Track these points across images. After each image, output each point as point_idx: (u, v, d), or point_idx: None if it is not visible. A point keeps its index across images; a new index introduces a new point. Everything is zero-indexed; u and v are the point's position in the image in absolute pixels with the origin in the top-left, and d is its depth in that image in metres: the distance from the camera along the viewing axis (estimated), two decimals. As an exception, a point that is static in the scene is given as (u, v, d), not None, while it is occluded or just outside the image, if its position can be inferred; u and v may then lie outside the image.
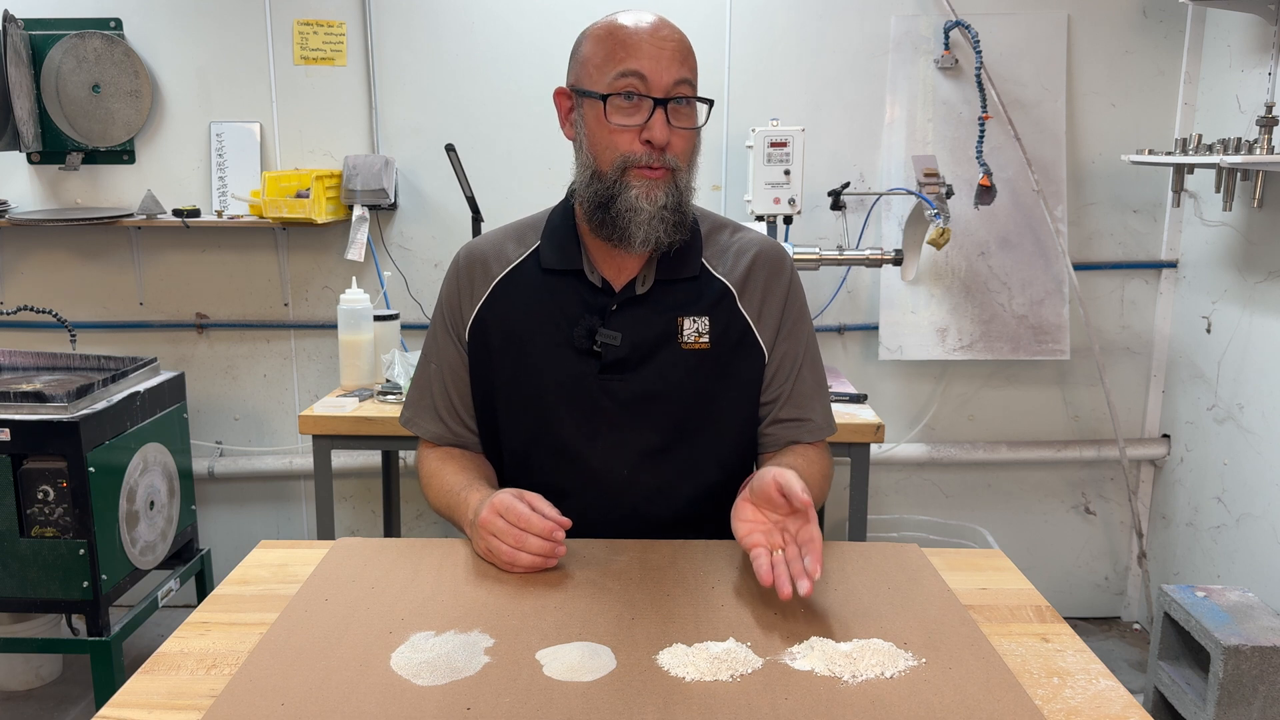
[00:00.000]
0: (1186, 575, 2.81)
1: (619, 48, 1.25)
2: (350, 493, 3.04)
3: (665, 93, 1.24)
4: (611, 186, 1.27)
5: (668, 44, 1.25)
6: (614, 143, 1.26)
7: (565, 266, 1.37)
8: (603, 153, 1.28)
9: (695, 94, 1.28)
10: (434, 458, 1.45)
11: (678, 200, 1.28)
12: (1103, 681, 0.99)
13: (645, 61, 1.23)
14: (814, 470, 1.37)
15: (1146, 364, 2.94)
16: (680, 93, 1.26)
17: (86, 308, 2.91)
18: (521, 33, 2.75)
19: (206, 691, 0.96)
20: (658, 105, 1.24)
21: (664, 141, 1.24)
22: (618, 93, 1.24)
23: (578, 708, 0.91)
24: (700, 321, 1.36)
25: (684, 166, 1.29)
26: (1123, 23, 2.74)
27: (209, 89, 2.79)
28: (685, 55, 1.27)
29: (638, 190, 1.26)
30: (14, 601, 2.18)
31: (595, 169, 1.29)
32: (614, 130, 1.26)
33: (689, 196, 1.31)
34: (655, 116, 1.24)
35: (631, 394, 1.34)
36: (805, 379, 1.42)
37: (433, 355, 1.46)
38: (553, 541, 1.19)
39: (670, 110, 1.25)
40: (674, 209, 1.28)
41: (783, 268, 1.42)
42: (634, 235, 1.27)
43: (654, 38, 1.25)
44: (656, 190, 1.26)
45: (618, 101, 1.25)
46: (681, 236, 1.32)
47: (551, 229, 1.40)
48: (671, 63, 1.24)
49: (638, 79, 1.24)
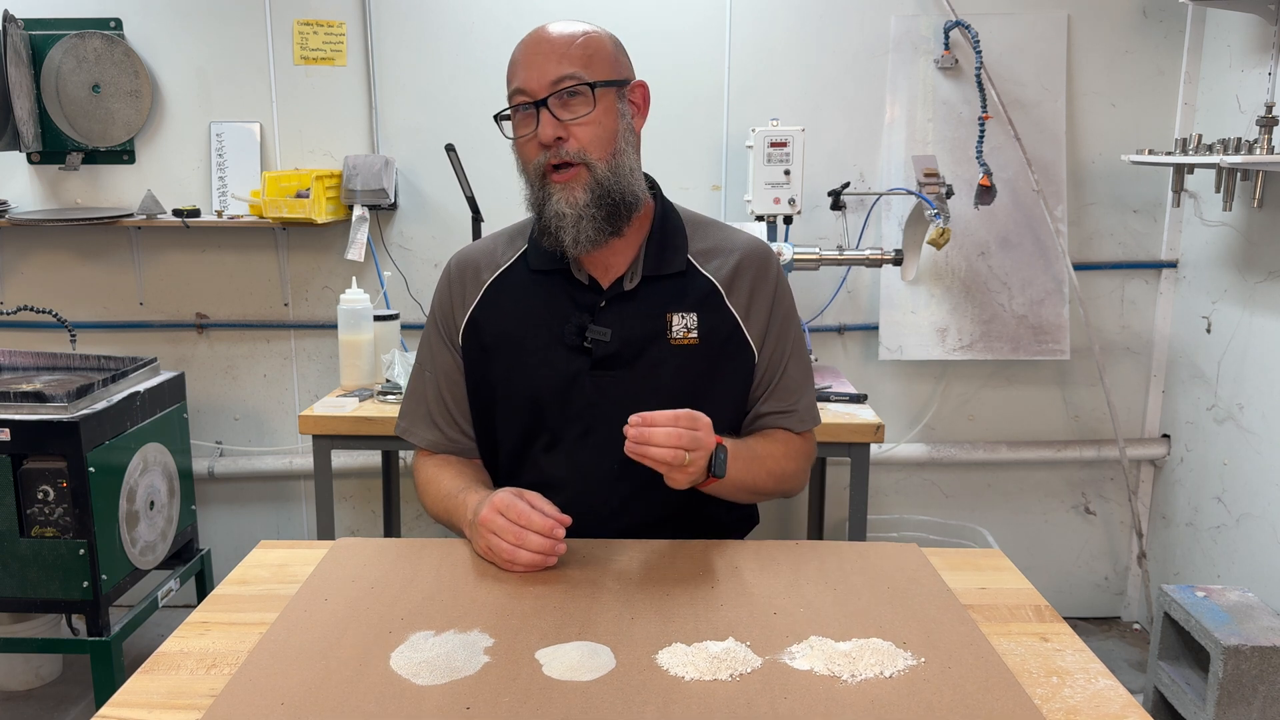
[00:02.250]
0: (1186, 575, 2.81)
1: (511, 68, 1.34)
2: (350, 493, 3.04)
3: (546, 92, 1.29)
4: (539, 195, 1.33)
5: (544, 47, 1.31)
6: (526, 153, 1.34)
7: (551, 266, 1.39)
8: (524, 166, 1.36)
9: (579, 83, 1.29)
10: (430, 465, 1.46)
11: (602, 193, 1.31)
12: (1102, 681, 0.99)
13: (523, 74, 1.31)
14: (772, 448, 1.40)
15: (1146, 364, 2.94)
16: (562, 88, 1.28)
17: (86, 308, 2.91)
18: (521, 33, 2.74)
19: (206, 691, 0.96)
20: (538, 107, 1.29)
21: (549, 139, 1.29)
22: (513, 107, 1.32)
23: (577, 707, 0.91)
24: (689, 317, 1.38)
25: (598, 157, 1.31)
26: (1123, 23, 2.74)
27: (209, 89, 2.79)
28: (565, 51, 1.30)
29: (558, 196, 1.31)
30: (14, 601, 2.18)
31: (527, 181, 1.36)
32: (522, 143, 1.34)
33: (620, 184, 1.33)
34: (541, 116, 1.29)
35: (623, 389, 1.36)
36: (791, 373, 1.45)
37: (427, 363, 1.48)
38: (553, 539, 1.19)
39: (558, 105, 1.29)
40: (598, 204, 1.31)
41: (769, 267, 1.44)
42: (564, 239, 1.32)
43: (530, 51, 1.32)
44: (575, 192, 1.30)
45: (516, 116, 1.33)
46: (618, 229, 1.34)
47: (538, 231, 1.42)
48: (547, 65, 1.29)
49: (521, 94, 1.31)
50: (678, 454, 1.19)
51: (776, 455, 1.40)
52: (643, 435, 1.19)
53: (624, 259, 1.39)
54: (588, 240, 1.31)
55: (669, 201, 1.46)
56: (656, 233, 1.40)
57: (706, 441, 1.22)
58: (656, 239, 1.40)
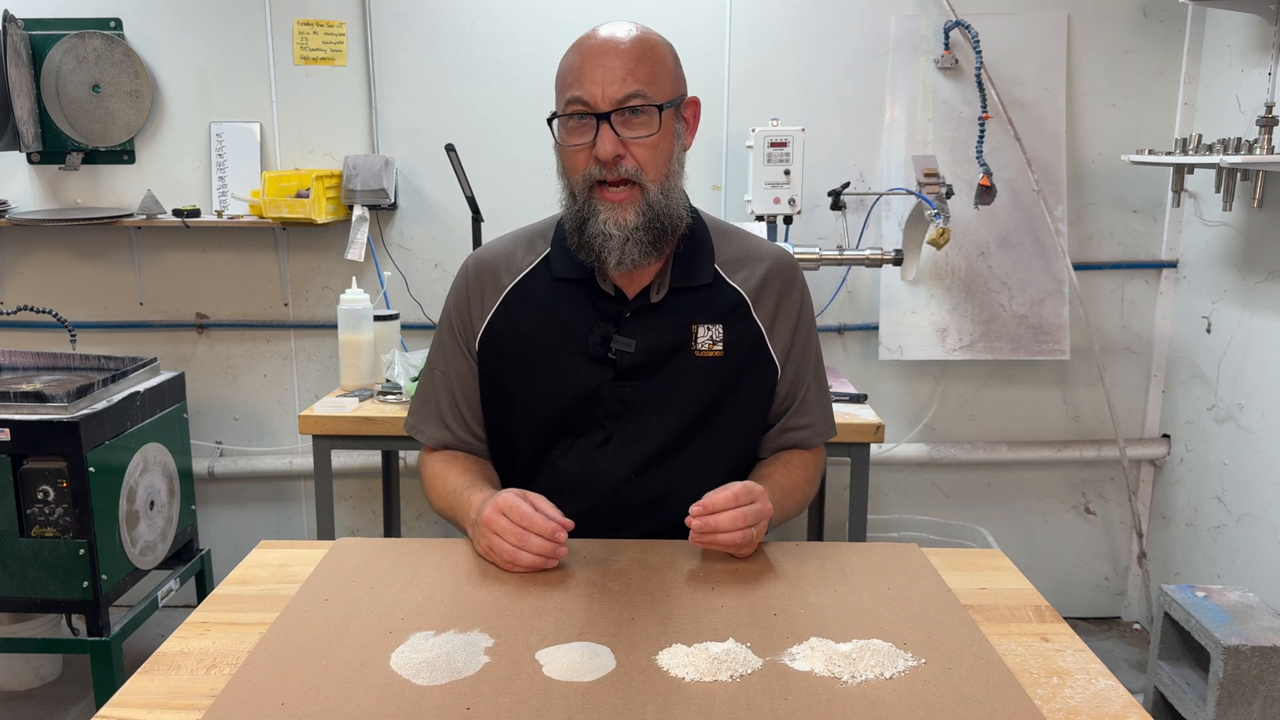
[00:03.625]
0: (1186, 575, 2.81)
1: (568, 73, 1.28)
2: (350, 493, 3.04)
3: (610, 107, 1.24)
4: (583, 208, 1.29)
5: (611, 59, 1.25)
6: (574, 162, 1.29)
7: (577, 275, 1.37)
8: (570, 174, 1.31)
9: (646, 103, 1.25)
10: (438, 460, 1.45)
11: (652, 216, 1.28)
12: (1102, 681, 0.99)
13: (586, 86, 1.24)
14: (795, 476, 1.41)
15: (1146, 364, 2.94)
16: (628, 105, 1.25)
17: (86, 308, 2.91)
18: (521, 32, 2.75)
19: (206, 691, 0.96)
20: (601, 120, 1.24)
21: (609, 156, 1.25)
22: (568, 115, 1.27)
23: (577, 708, 0.91)
24: (714, 329, 1.36)
25: (652, 177, 1.28)
26: (1123, 23, 2.74)
27: (209, 89, 2.79)
28: (632, 68, 1.25)
29: (606, 215, 1.27)
30: (14, 601, 2.18)
31: (570, 189, 1.31)
32: (571, 151, 1.28)
33: (669, 208, 1.30)
34: (601, 132, 1.24)
35: (644, 400, 1.35)
36: (811, 388, 1.45)
37: (439, 363, 1.46)
38: (554, 542, 1.19)
39: (620, 122, 1.25)
40: (647, 228, 1.28)
41: (795, 280, 1.43)
42: (608, 260, 1.29)
43: (595, 59, 1.25)
44: (625, 213, 1.27)
45: (569, 123, 1.27)
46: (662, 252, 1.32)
47: (561, 237, 1.39)
48: (613, 79, 1.24)
49: (582, 103, 1.25)
50: (746, 533, 1.20)
51: (799, 483, 1.41)
52: (708, 525, 1.19)
53: (651, 271, 1.36)
54: (631, 262, 1.29)
55: (696, 209, 1.43)
56: (685, 244, 1.37)
57: (765, 510, 1.23)
58: (685, 251, 1.37)
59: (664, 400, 1.35)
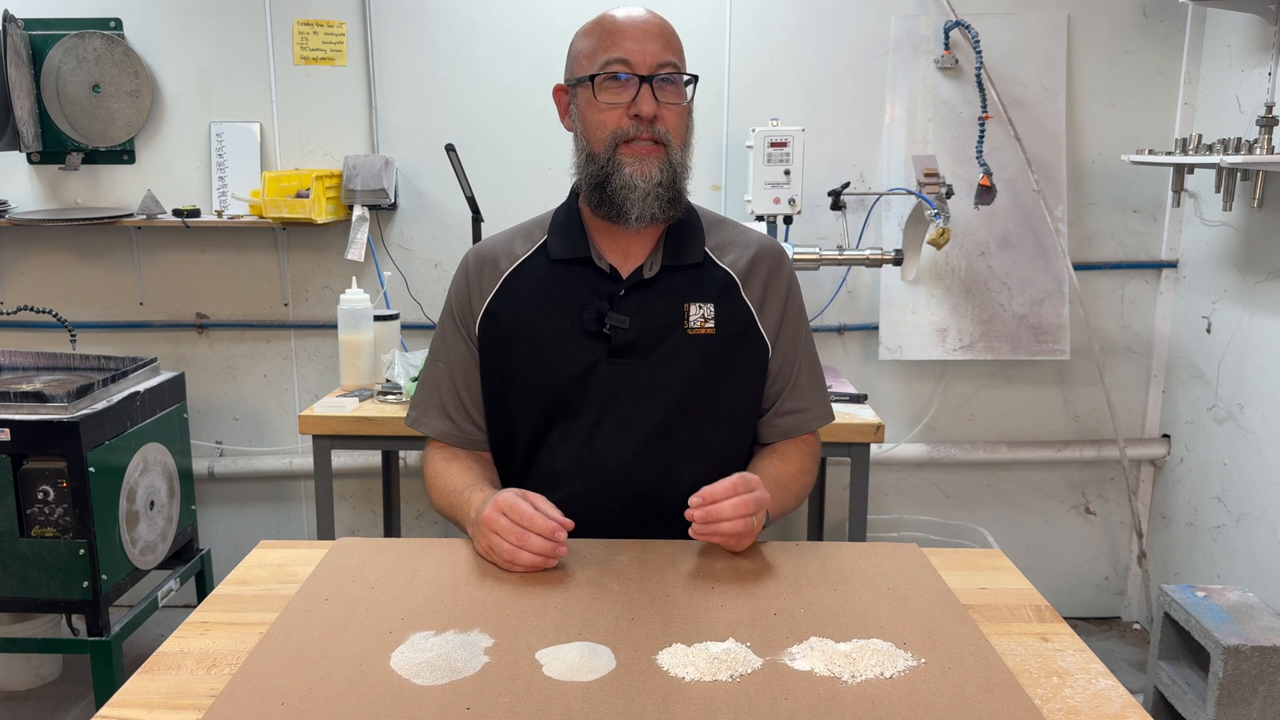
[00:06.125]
0: (1186, 575, 2.81)
1: (605, 37, 1.33)
2: (350, 493, 3.04)
3: (651, 71, 1.30)
4: (606, 165, 1.33)
5: (651, 29, 1.33)
6: (604, 121, 1.32)
7: (573, 255, 1.40)
8: (595, 133, 1.34)
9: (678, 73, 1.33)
10: (440, 458, 1.46)
11: (672, 176, 1.33)
12: (1102, 681, 0.99)
13: (630, 46, 1.31)
14: (790, 468, 1.43)
15: (1146, 364, 2.94)
16: (666, 72, 1.31)
17: (86, 308, 2.91)
18: (521, 33, 2.75)
19: (206, 691, 0.96)
20: (644, 82, 1.30)
21: (652, 113, 1.30)
22: (606, 74, 1.31)
23: (577, 707, 0.91)
24: (706, 308, 1.39)
25: (676, 142, 1.34)
26: (1123, 23, 2.74)
27: (209, 89, 2.79)
28: (669, 40, 1.33)
29: (631, 168, 1.31)
30: (14, 601, 2.18)
31: (590, 151, 1.35)
32: (604, 109, 1.32)
33: (684, 175, 1.36)
34: (642, 91, 1.30)
35: (639, 378, 1.37)
36: (804, 372, 1.47)
37: (441, 354, 1.48)
38: (554, 542, 1.19)
39: (657, 87, 1.31)
40: (669, 185, 1.33)
41: (783, 264, 1.47)
42: (629, 212, 1.32)
43: (636, 27, 1.32)
44: (650, 166, 1.32)
45: (606, 83, 1.32)
46: (676, 214, 1.36)
47: (557, 222, 1.44)
48: (655, 46, 1.31)
49: (623, 64, 1.30)
50: (747, 521, 1.22)
51: (795, 474, 1.43)
52: (709, 514, 1.20)
53: (644, 248, 1.40)
54: (650, 216, 1.33)
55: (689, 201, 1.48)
56: (676, 224, 1.42)
57: (764, 499, 1.25)
58: (675, 230, 1.42)
59: (658, 378, 1.37)
